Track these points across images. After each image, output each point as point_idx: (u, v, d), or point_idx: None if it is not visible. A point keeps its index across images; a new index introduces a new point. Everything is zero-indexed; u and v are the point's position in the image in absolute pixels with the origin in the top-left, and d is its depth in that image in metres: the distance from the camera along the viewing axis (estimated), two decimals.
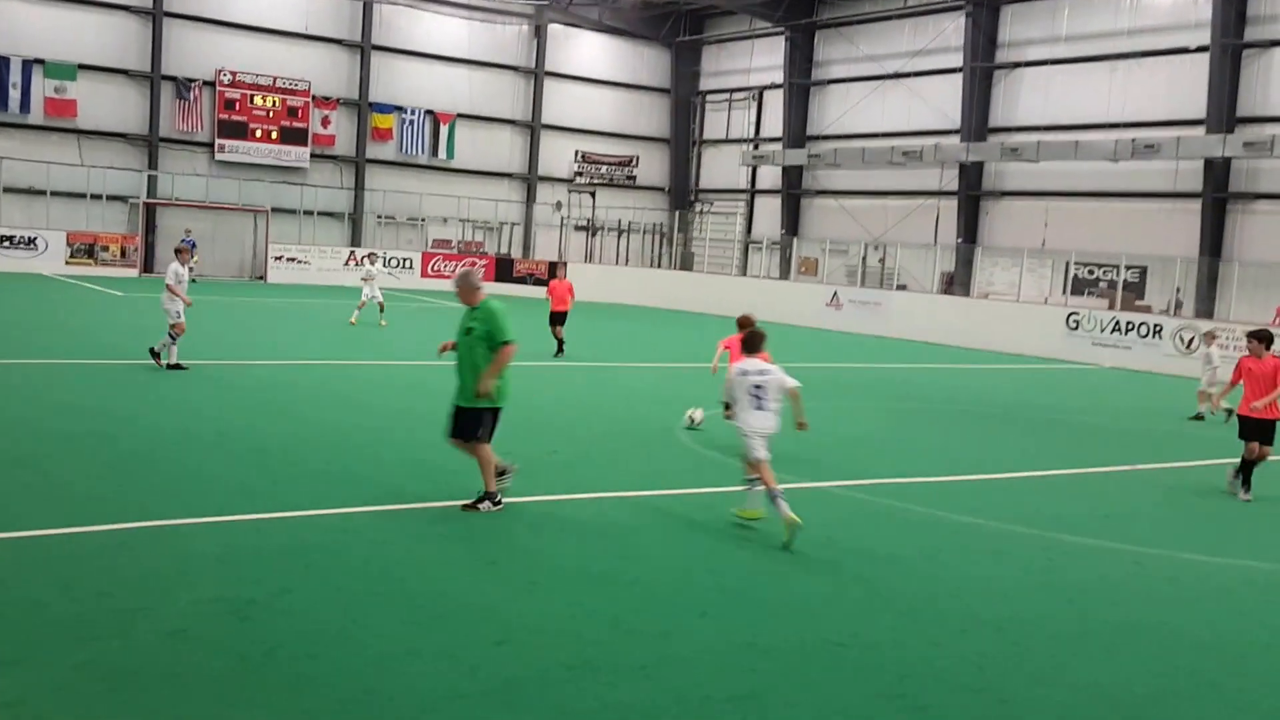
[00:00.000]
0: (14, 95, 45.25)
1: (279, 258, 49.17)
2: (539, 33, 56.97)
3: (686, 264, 54.85)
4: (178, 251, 20.99)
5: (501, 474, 11.53)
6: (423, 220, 54.47)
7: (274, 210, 49.89)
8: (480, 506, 11.31)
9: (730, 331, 16.34)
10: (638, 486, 13.14)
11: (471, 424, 11.34)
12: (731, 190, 58.89)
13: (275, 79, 50.23)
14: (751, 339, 11.89)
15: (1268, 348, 15.16)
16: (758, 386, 11.40)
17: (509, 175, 57.37)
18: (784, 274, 51.15)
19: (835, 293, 44.02)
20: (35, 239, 44.12)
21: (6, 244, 43.53)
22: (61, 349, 22.36)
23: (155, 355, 19.93)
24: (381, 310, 31.67)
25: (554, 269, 39.31)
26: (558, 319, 27.47)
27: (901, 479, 14.72)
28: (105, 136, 47.49)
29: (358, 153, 53.11)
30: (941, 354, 35.66)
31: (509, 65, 56.61)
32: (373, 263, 33.46)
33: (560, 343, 27.05)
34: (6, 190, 45.24)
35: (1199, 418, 23.01)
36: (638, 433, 16.93)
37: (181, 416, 15.49)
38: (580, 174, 58.85)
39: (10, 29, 45.38)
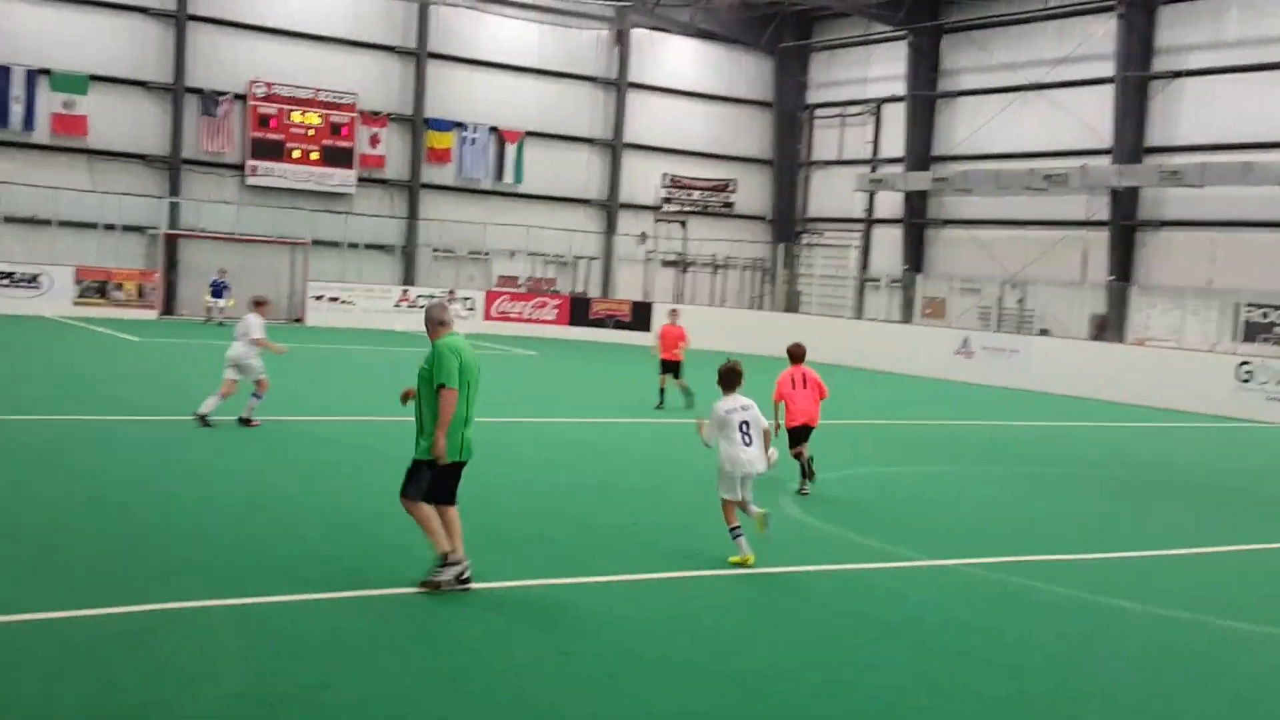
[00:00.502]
0: (16, 110, 45.85)
1: (319, 297, 49.73)
2: (621, 38, 57.47)
3: (792, 305, 54.78)
4: (258, 304, 21.87)
5: (444, 564, 11.27)
6: (486, 254, 54.93)
7: (314, 243, 50.42)
8: (438, 580, 11.18)
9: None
10: (727, 562, 13.10)
11: (408, 476, 11.41)
12: (844, 220, 58.76)
13: (317, 91, 50.98)
14: (730, 376, 13.86)
15: None
16: (745, 424, 13.36)
17: (586, 202, 57.78)
18: (906, 317, 50.86)
19: (966, 338, 43.73)
20: (38, 276, 44.65)
21: (6, 281, 44.02)
22: (67, 404, 22.75)
23: (247, 422, 20.64)
24: None
25: (653, 311, 39.36)
26: (668, 368, 28.66)
27: (1041, 556, 14.63)
28: (120, 158, 48.23)
29: (411, 176, 53.74)
30: (1090, 410, 35.26)
31: (586, 75, 57.12)
32: (452, 301, 34.05)
33: (662, 393, 28.25)
34: (7, 220, 45.78)
35: None
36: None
37: (206, 482, 15.71)
38: (669, 200, 59.08)
39: (11, 35, 46.08)
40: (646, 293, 55.56)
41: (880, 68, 56.91)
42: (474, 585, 11.32)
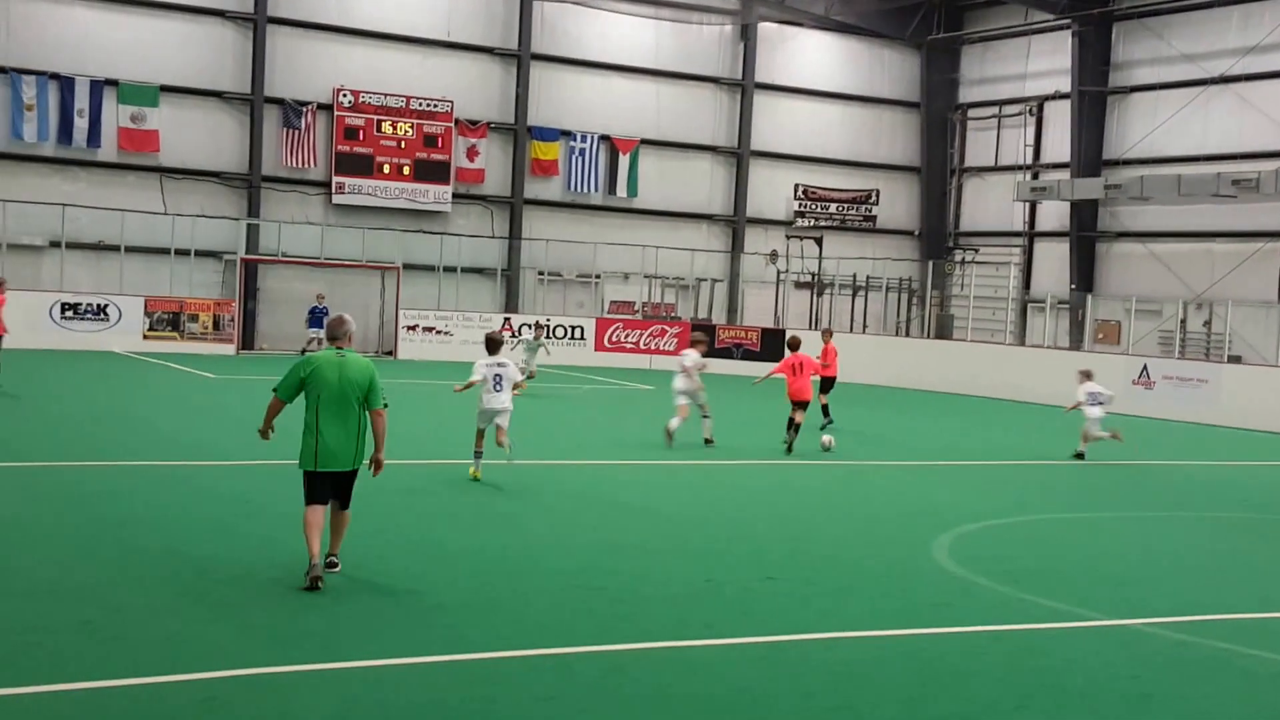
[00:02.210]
0: (80, 125, 46.61)
1: (412, 327, 50.02)
2: (747, 34, 57.52)
3: (944, 330, 54.37)
4: (695, 343, 28.31)
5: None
6: (597, 277, 55.15)
7: (406, 267, 50.80)
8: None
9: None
10: (877, 624, 13.06)
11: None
12: (1003, 233, 58.35)
13: (408, 99, 51.47)
14: (492, 343, 21.49)
15: None
16: (498, 376, 20.99)
17: (708, 217, 57.85)
18: (1075, 342, 50.31)
19: (1144, 366, 43.16)
20: (106, 306, 45.25)
21: (70, 313, 44.66)
22: (134, 448, 23.09)
23: (709, 442, 26.50)
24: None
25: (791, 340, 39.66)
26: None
27: (1236, 615, 14.42)
28: (194, 176, 48.93)
29: (513, 192, 54.08)
30: None
31: (708, 76, 57.21)
32: (536, 337, 35.78)
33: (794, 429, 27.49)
34: (70, 246, 46.35)
35: None
36: (882, 553, 16.81)
37: (285, 531, 15.80)
38: (802, 214, 58.98)
39: (75, 43, 46.84)
40: (778, 318, 55.43)
41: (1042, 61, 56.48)
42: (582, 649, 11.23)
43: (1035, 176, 56.30)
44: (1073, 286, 53.19)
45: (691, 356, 27.41)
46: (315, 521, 13.39)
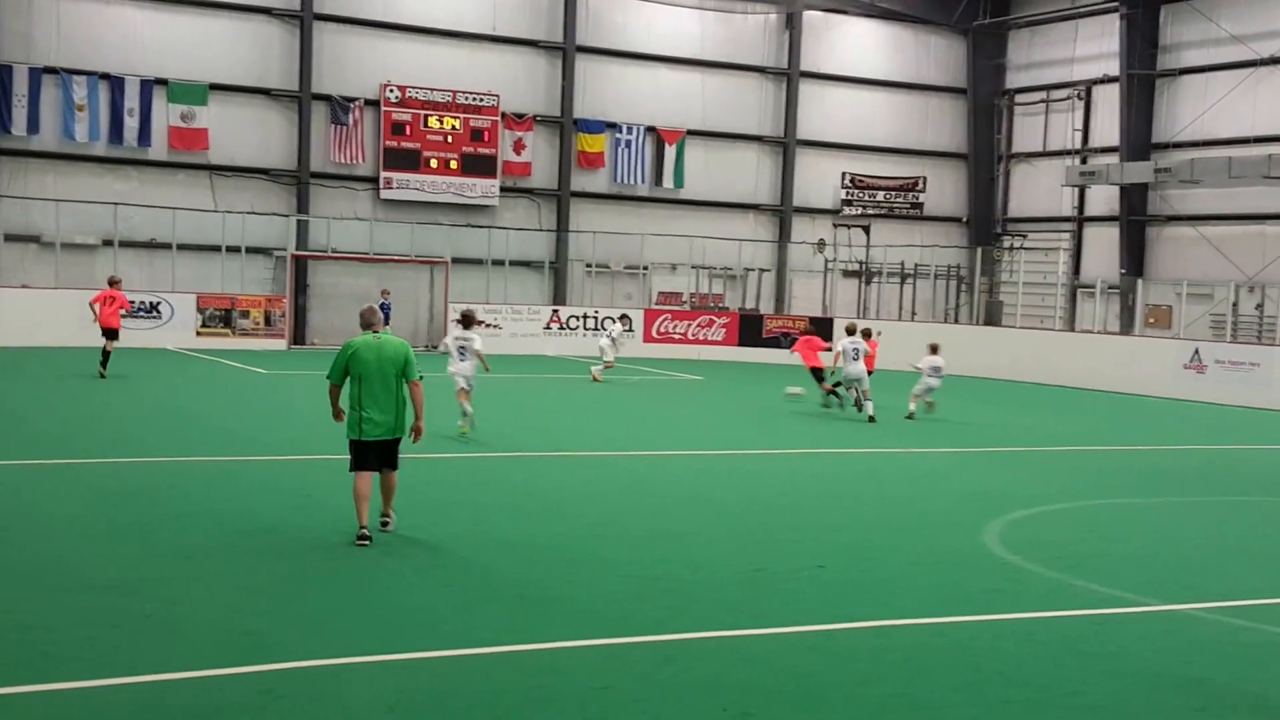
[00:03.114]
0: (130, 124, 46.94)
1: None
2: (792, 22, 57.42)
3: (992, 317, 54.19)
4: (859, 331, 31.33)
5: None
6: (644, 269, 55.21)
7: (454, 260, 50.96)
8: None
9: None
10: (930, 611, 13.05)
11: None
12: (1052, 219, 58.13)
13: (455, 94, 51.60)
14: (466, 318, 25.18)
15: None
16: (462, 348, 24.90)
17: (755, 207, 57.83)
18: (1125, 327, 50.09)
19: (1196, 350, 42.92)
20: (159, 304, 45.51)
21: (124, 311, 44.70)
22: (189, 443, 23.22)
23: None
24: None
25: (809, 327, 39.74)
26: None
27: None
28: (243, 173, 49.25)
29: (560, 184, 54.17)
30: None
31: (753, 66, 57.17)
32: (620, 325, 40.57)
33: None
34: (123, 244, 46.76)
35: None
36: (933, 540, 16.80)
37: (341, 525, 15.92)
38: (849, 203, 58.88)
39: (124, 43, 47.16)
40: (826, 307, 55.37)
41: (1090, 45, 56.22)
42: (638, 639, 11.34)
43: (1084, 161, 56.04)
44: (1123, 271, 52.94)
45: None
46: (364, 491, 15.18)
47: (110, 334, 33.90)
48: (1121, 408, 30.24)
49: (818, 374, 32.85)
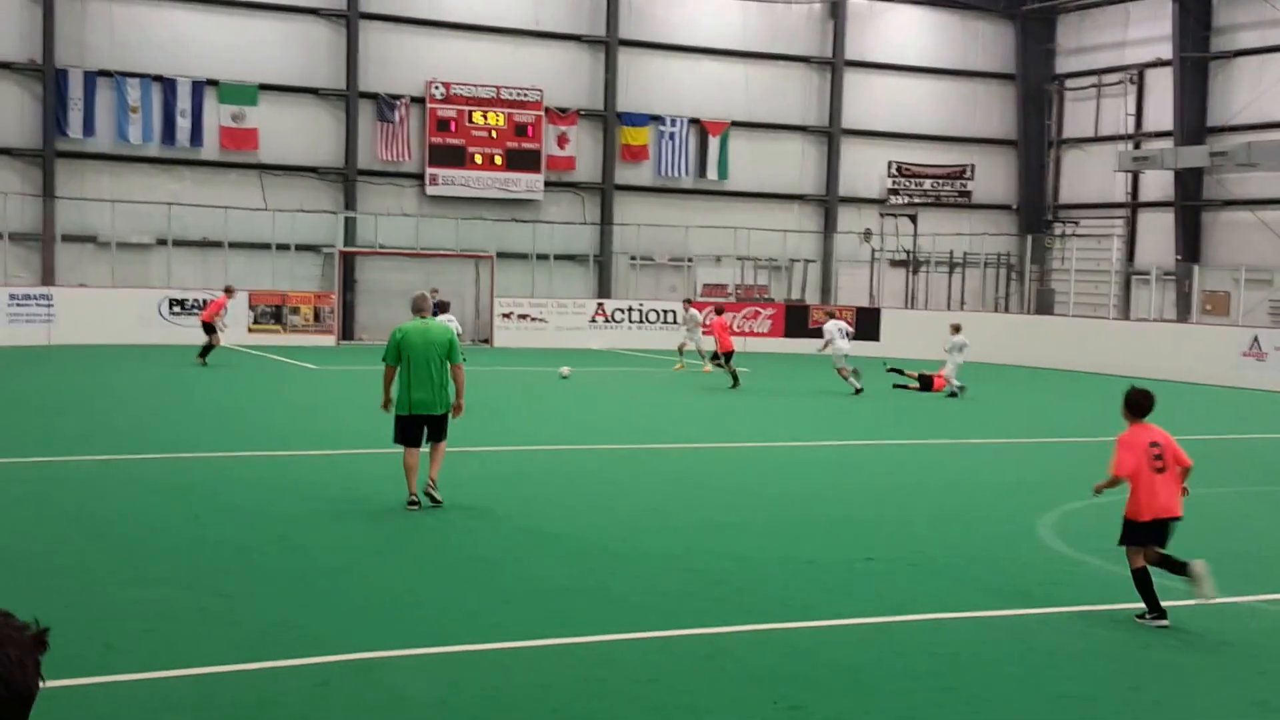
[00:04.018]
0: (183, 125, 47.44)
1: (507, 315, 50.31)
2: (836, 11, 57.26)
3: (1044, 305, 53.96)
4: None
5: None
6: (689, 261, 55.17)
7: (500, 255, 51.07)
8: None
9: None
10: (983, 604, 13.05)
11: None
12: (1104, 205, 57.82)
13: (499, 89, 51.73)
14: (440, 306, 24.26)
15: None
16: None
17: (800, 198, 57.71)
18: (1182, 314, 49.84)
19: (1255, 337, 42.68)
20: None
21: (178, 309, 45.34)
22: (241, 439, 23.39)
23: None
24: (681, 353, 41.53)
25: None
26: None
27: None
28: (292, 172, 49.62)
29: (604, 178, 54.25)
30: None
31: (797, 56, 57.05)
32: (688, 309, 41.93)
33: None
34: (177, 243, 47.29)
35: None
36: (985, 531, 16.79)
37: (391, 518, 16.03)
38: (896, 192, 58.71)
39: (175, 45, 47.62)
40: (873, 297, 55.24)
41: (1141, 28, 55.86)
42: (687, 631, 11.33)
43: (1137, 146, 55.69)
44: (1178, 257, 52.61)
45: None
46: (412, 463, 16.72)
47: (207, 329, 37.47)
48: (1178, 397, 29.99)
49: (729, 356, 35.85)
